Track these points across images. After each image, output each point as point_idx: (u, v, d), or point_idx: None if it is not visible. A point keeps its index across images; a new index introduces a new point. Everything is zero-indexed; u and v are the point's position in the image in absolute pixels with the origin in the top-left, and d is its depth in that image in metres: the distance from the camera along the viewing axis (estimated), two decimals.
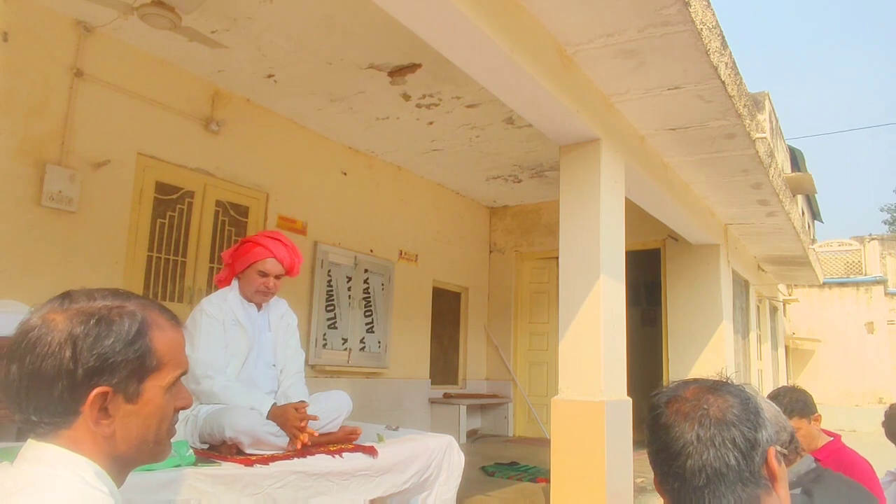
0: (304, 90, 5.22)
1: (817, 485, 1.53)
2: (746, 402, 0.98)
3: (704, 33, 3.40)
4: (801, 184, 9.91)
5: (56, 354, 0.84)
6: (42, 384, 0.84)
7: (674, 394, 1.01)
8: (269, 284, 2.83)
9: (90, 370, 0.85)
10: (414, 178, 7.42)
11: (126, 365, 0.87)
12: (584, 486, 3.76)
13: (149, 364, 0.90)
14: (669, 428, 0.97)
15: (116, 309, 0.89)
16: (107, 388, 0.86)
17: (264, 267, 2.80)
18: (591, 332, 3.98)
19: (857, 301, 15.94)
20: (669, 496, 0.97)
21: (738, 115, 4.32)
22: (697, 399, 0.98)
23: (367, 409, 6.21)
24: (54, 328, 0.85)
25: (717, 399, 0.97)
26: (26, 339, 0.86)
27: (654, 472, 1.02)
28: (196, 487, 2.00)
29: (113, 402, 0.87)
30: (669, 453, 0.96)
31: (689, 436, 0.94)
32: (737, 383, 1.03)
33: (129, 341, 0.88)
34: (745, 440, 0.93)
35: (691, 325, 7.36)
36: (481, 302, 8.66)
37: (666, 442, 0.97)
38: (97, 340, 0.85)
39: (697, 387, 1.01)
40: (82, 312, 0.87)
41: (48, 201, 4.00)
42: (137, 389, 0.89)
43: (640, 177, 4.85)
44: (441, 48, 3.17)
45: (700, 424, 0.94)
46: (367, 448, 2.64)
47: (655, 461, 1.00)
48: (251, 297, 2.84)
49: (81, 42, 4.25)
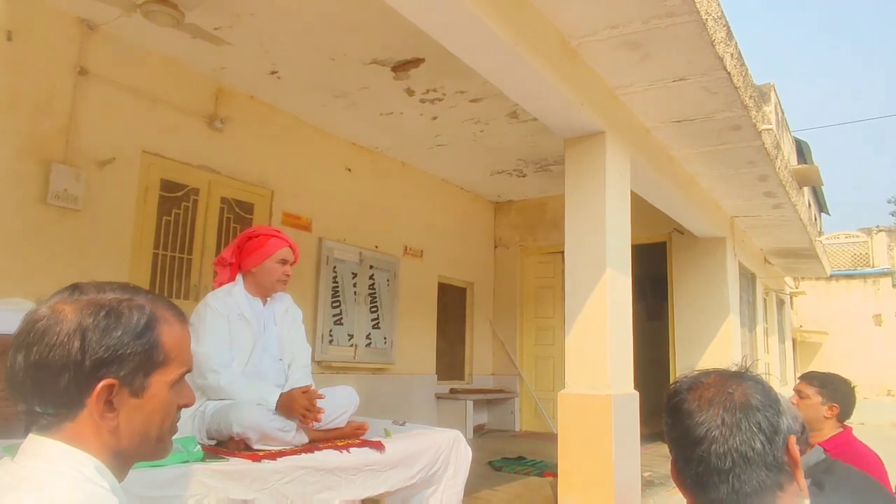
0: (308, 86, 5.21)
1: (828, 476, 1.52)
2: (768, 389, 1.00)
3: (710, 24, 3.38)
4: (808, 176, 9.86)
5: (64, 345, 0.83)
6: (48, 375, 0.83)
7: (696, 381, 1.03)
8: (288, 272, 2.93)
9: (98, 361, 0.84)
10: (418, 174, 7.41)
11: (134, 358, 0.87)
12: (591, 480, 3.76)
13: (156, 358, 0.89)
14: (693, 413, 0.98)
15: (126, 302, 0.89)
16: (113, 380, 0.85)
17: (284, 255, 2.90)
18: (598, 325, 3.97)
19: (864, 293, 15.88)
20: (691, 481, 0.97)
21: (744, 106, 4.29)
22: (720, 385, 1.00)
23: (373, 405, 6.21)
24: (63, 319, 0.85)
25: (739, 385, 0.99)
26: (34, 328, 0.85)
27: (673, 458, 1.02)
28: (204, 483, 2.00)
29: (118, 396, 0.86)
30: (693, 438, 0.96)
31: (715, 420, 0.95)
32: (753, 374, 1.04)
33: (137, 334, 0.87)
34: (769, 425, 0.95)
35: (698, 318, 7.33)
36: (487, 297, 8.65)
37: (689, 427, 0.97)
38: (106, 332, 0.85)
39: (718, 375, 1.03)
40: (92, 304, 0.87)
41: (53, 200, 4.00)
42: (143, 383, 0.89)
43: (646, 170, 4.83)
44: (445, 42, 3.16)
45: (725, 409, 0.96)
46: (375, 443, 2.64)
47: (677, 447, 1.00)
48: (272, 286, 2.90)
49: (85, 40, 4.25)
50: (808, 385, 2.61)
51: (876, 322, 15.56)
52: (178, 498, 1.91)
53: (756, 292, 9.50)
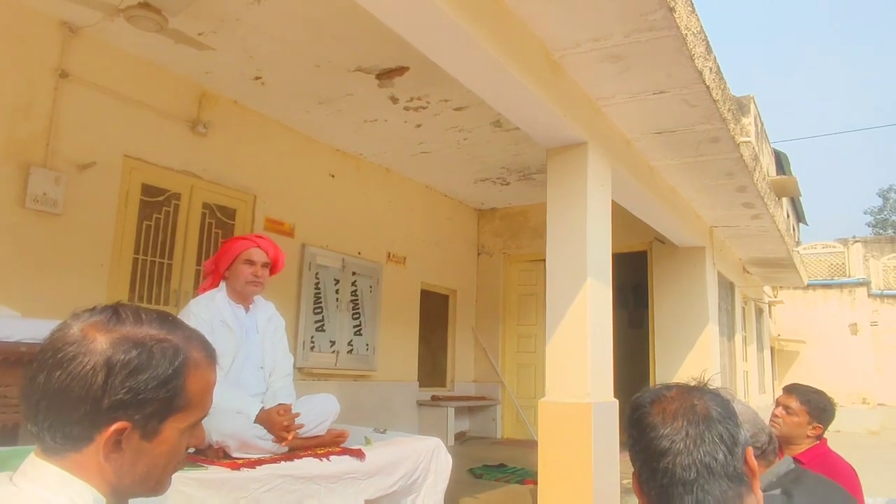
0: (292, 92, 5.21)
1: (797, 485, 1.56)
2: (726, 402, 1.03)
3: (689, 38, 3.44)
4: (786, 187, 10.03)
5: (88, 378, 0.81)
6: (65, 404, 0.81)
7: (658, 394, 1.05)
8: (258, 273, 2.88)
9: (117, 403, 0.82)
10: (402, 181, 7.42)
11: (153, 403, 0.84)
12: (571, 488, 3.78)
13: (176, 405, 0.86)
14: (657, 426, 1.00)
15: (160, 343, 0.86)
16: (127, 423, 0.83)
17: (250, 255, 2.87)
18: (578, 334, 4.00)
19: (840, 303, 16.13)
20: (655, 493, 0.99)
21: (723, 119, 4.37)
22: (683, 398, 1.02)
23: (354, 412, 6.19)
24: (94, 350, 0.82)
25: (701, 398, 1.02)
26: (63, 351, 0.82)
27: (636, 470, 1.04)
28: (183, 492, 1.99)
29: (128, 438, 0.84)
30: (657, 451, 0.98)
31: (680, 433, 0.98)
32: (712, 387, 1.07)
33: (163, 381, 0.85)
34: (730, 436, 0.98)
35: (678, 327, 7.41)
36: (469, 304, 8.67)
37: (653, 439, 0.99)
38: (133, 374, 0.82)
39: (680, 389, 1.05)
40: (127, 340, 0.84)
41: (33, 203, 3.96)
42: (156, 428, 0.86)
43: (627, 180, 4.89)
44: (429, 52, 3.18)
45: (689, 421, 0.98)
46: (355, 451, 2.64)
47: (641, 459, 1.02)
48: (242, 289, 2.87)
49: (66, 43, 4.21)
50: (798, 402, 2.58)
51: (852, 331, 15.82)
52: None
53: (735, 301, 9.62)
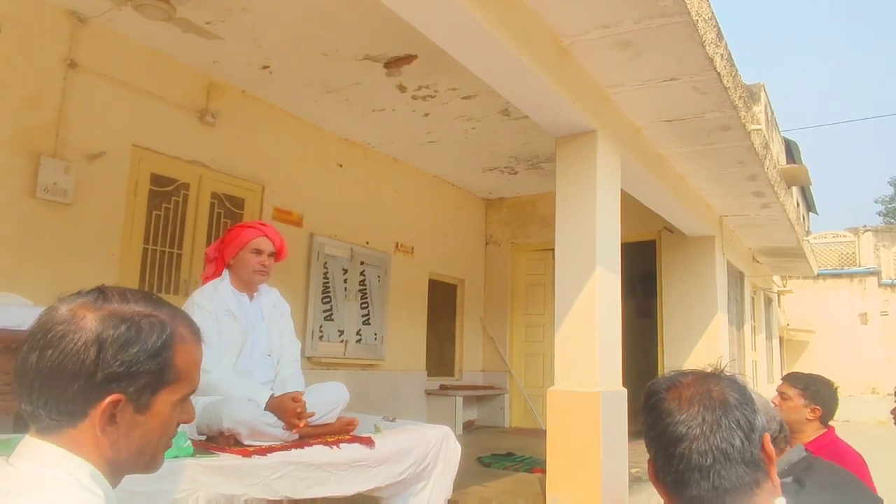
0: (300, 81, 5.20)
1: (809, 473, 1.55)
2: (743, 388, 1.03)
3: (700, 25, 3.40)
4: (796, 175, 9.95)
5: (80, 354, 0.83)
6: (59, 381, 0.83)
7: (674, 380, 1.04)
8: (265, 262, 2.87)
9: (110, 376, 0.84)
10: (410, 170, 7.41)
11: (146, 375, 0.87)
12: (579, 477, 3.79)
13: (167, 377, 0.89)
14: (673, 412, 1.00)
15: (147, 317, 0.88)
16: (121, 395, 0.85)
17: (258, 245, 2.85)
18: (587, 323, 3.99)
19: (850, 292, 16.03)
20: (671, 479, 0.99)
21: (734, 106, 4.33)
22: (699, 384, 1.02)
23: (363, 401, 6.21)
24: (83, 327, 0.84)
25: (717, 384, 1.01)
26: (53, 331, 0.84)
27: (652, 457, 1.04)
28: (194, 478, 2.01)
29: (122, 411, 0.86)
30: (674, 437, 0.98)
31: (696, 419, 0.97)
32: (728, 374, 1.06)
33: (153, 353, 0.87)
34: (747, 422, 0.97)
35: (686, 316, 7.39)
36: (477, 294, 8.67)
37: (669, 425, 0.99)
38: (124, 347, 0.85)
39: (696, 375, 1.05)
40: (114, 315, 0.86)
41: (43, 193, 3.98)
42: (149, 401, 0.88)
43: (636, 168, 4.86)
44: (437, 39, 3.16)
45: (705, 407, 0.98)
46: (364, 439, 2.65)
47: (656, 446, 1.02)
48: (249, 278, 2.86)
49: (75, 33, 4.22)
50: (790, 387, 2.60)
51: (862, 321, 15.73)
52: (169, 493, 1.92)
53: (744, 291, 9.57)
